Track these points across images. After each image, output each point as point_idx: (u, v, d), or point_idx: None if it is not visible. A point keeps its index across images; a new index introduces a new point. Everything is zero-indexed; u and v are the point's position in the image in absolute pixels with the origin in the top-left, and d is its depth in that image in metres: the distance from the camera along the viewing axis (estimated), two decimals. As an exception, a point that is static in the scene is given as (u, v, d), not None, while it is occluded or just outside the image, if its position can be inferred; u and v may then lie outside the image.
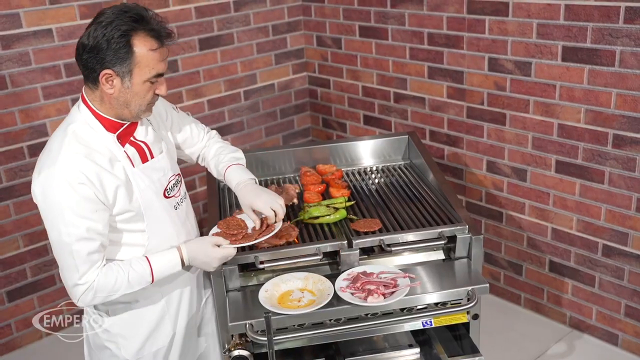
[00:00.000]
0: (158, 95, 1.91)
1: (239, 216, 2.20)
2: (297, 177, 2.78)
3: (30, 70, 3.23)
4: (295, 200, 2.51)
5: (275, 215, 2.09)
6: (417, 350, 2.30)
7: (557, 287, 3.40)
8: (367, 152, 2.89)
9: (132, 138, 1.94)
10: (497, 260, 3.65)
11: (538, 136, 3.21)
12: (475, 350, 2.25)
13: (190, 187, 3.99)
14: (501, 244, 3.59)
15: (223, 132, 4.08)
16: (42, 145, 3.28)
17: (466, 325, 2.30)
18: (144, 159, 1.96)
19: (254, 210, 2.11)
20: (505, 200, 3.48)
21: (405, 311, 2.09)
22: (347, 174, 2.79)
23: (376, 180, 2.72)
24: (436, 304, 2.11)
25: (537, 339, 3.35)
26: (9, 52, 3.15)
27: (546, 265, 3.40)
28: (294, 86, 4.38)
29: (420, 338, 2.36)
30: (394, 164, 2.87)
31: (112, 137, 1.89)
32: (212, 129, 2.37)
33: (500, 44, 3.21)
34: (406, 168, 2.81)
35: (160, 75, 1.86)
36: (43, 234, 3.44)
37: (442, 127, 3.65)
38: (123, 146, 1.91)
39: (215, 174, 2.30)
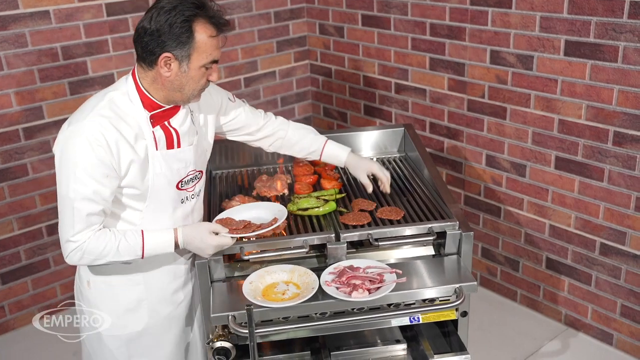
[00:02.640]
0: (209, 81, 1.95)
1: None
2: (290, 167, 2.75)
3: (26, 52, 3.20)
4: (286, 191, 2.49)
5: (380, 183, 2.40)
6: (404, 346, 2.28)
7: (553, 284, 3.36)
8: (362, 144, 2.85)
9: (165, 122, 1.97)
10: (494, 255, 3.61)
11: (538, 131, 3.16)
12: (462, 348, 2.22)
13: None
14: (499, 239, 3.55)
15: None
16: (38, 128, 3.31)
17: (455, 322, 2.27)
18: (170, 146, 1.99)
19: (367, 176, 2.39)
20: (503, 195, 3.43)
21: (392, 307, 2.06)
22: (342, 166, 2.75)
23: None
24: (424, 300, 2.08)
25: (531, 335, 3.32)
26: (5, 33, 3.12)
27: (543, 262, 3.36)
28: (296, 74, 4.33)
29: (408, 334, 2.34)
30: (389, 156, 2.83)
31: (145, 115, 1.93)
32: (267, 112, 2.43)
33: (503, 36, 3.16)
34: (401, 161, 2.77)
35: (215, 62, 1.92)
36: (37, 217, 3.44)
37: (443, 120, 3.60)
38: (153, 127, 1.94)
39: (303, 154, 2.43)
